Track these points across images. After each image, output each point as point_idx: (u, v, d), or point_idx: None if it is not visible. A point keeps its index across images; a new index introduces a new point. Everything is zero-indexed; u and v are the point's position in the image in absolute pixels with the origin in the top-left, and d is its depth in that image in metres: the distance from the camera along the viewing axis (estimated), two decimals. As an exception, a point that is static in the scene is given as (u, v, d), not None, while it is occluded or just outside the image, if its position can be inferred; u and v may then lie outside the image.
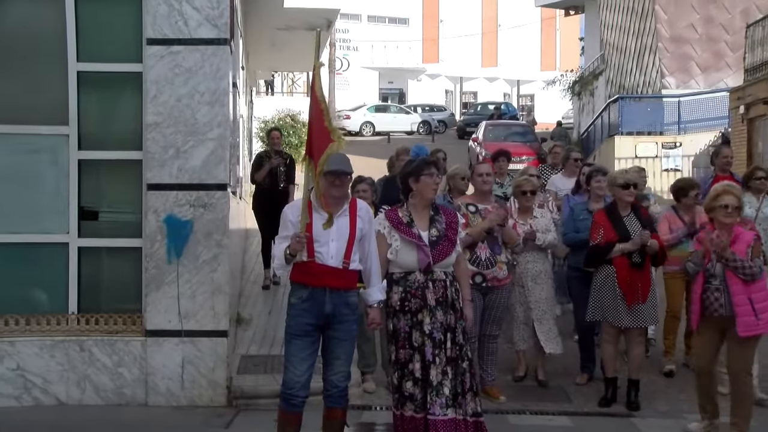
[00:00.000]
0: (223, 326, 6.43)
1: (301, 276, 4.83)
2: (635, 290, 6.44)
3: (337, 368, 4.92)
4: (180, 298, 6.35)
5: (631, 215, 6.61)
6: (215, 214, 6.38)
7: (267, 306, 9.09)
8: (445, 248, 5.10)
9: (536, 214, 7.21)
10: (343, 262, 4.83)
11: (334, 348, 4.91)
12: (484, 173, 6.56)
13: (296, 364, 4.82)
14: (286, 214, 4.90)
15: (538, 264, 7.14)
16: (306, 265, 4.78)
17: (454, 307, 5.09)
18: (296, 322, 4.82)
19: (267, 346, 7.77)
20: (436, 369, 4.93)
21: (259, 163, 9.97)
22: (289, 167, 10.00)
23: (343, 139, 4.71)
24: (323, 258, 4.80)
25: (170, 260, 6.35)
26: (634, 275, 6.44)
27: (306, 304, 4.81)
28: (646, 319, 6.53)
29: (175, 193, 6.35)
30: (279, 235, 4.90)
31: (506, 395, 6.77)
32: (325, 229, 4.75)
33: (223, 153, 6.41)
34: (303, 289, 4.83)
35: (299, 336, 4.82)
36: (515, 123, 29.08)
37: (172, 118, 6.34)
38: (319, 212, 4.83)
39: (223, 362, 6.44)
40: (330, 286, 4.81)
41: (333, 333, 4.88)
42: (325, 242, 4.81)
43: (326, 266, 4.79)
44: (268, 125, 21.03)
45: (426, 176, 5.21)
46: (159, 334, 6.37)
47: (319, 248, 4.80)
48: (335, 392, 4.94)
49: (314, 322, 4.82)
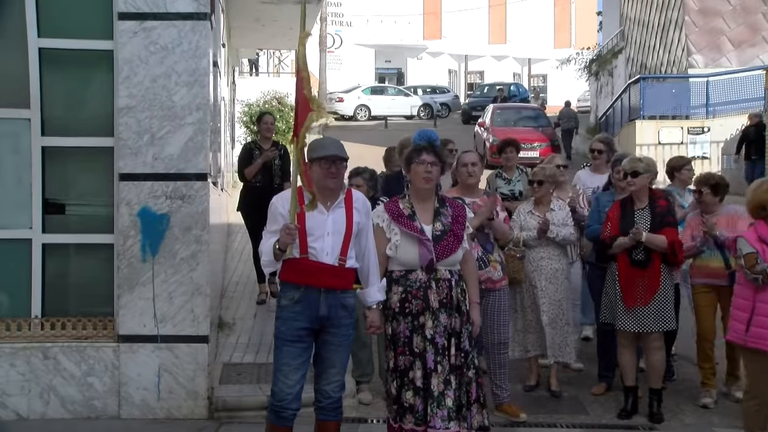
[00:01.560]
0: (204, 331, 6.45)
1: (293, 274, 4.81)
2: (634, 291, 6.48)
3: (331, 377, 4.92)
4: (156, 299, 6.36)
5: (646, 209, 6.63)
6: (194, 207, 6.39)
7: (252, 309, 9.11)
8: (450, 244, 5.10)
9: (554, 206, 7.24)
10: (339, 258, 4.83)
11: (329, 355, 4.90)
12: (469, 163, 6.43)
13: (288, 373, 4.82)
14: (274, 206, 4.89)
15: (554, 261, 7.16)
16: (298, 262, 4.76)
17: (459, 310, 5.10)
18: (288, 326, 4.81)
19: (252, 353, 7.78)
20: (437, 378, 4.94)
21: (249, 157, 9.29)
22: (284, 160, 9.34)
23: (323, 109, 4.71)
24: (317, 254, 4.79)
25: (145, 258, 6.36)
26: (634, 274, 6.48)
27: (298, 306, 4.80)
28: (648, 323, 6.53)
29: (150, 183, 6.35)
30: (267, 229, 4.87)
31: (516, 407, 6.78)
32: (308, 211, 4.72)
33: (203, 139, 6.41)
34: (294, 289, 4.82)
35: (291, 342, 4.82)
36: (526, 106, 29.15)
37: (146, 101, 6.34)
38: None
39: (203, 371, 6.45)
40: (325, 286, 4.81)
41: (328, 338, 4.89)
42: (320, 236, 4.79)
43: (321, 263, 4.78)
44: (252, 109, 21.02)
45: (416, 164, 5.20)
46: (133, 339, 6.38)
47: (313, 243, 4.77)
48: (329, 404, 4.95)
49: (308, 326, 4.82)
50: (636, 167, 6.62)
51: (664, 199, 6.70)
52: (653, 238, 6.47)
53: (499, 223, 6.50)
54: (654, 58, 26.66)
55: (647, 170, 6.62)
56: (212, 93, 7.10)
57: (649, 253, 6.48)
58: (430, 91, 42.25)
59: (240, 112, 20.95)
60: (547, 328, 7.06)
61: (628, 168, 6.67)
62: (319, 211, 4.83)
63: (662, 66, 25.73)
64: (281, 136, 19.90)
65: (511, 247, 6.95)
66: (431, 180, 5.19)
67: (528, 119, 25.26)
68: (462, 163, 6.45)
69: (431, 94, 41.30)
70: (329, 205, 4.86)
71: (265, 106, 21.17)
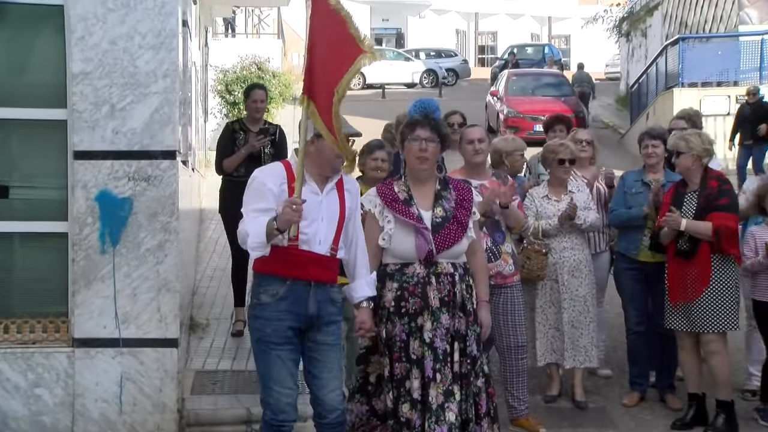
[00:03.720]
0: (173, 333, 6.45)
1: (278, 265, 4.78)
2: (680, 284, 6.53)
3: (330, 384, 4.92)
4: (117, 297, 6.36)
5: (697, 191, 6.64)
6: (161, 190, 6.38)
7: (228, 308, 9.12)
8: (453, 232, 5.11)
9: (572, 188, 7.25)
10: (331, 248, 4.84)
11: (322, 357, 4.91)
12: (475, 139, 6.40)
13: (282, 380, 4.82)
14: (260, 181, 4.79)
15: (577, 252, 7.18)
16: (285, 251, 4.73)
17: (464, 309, 5.11)
18: (275, 327, 4.81)
19: (228, 358, 7.79)
20: (436, 388, 4.94)
21: (230, 142, 8.45)
22: (278, 147, 8.48)
23: (376, 52, 4.61)
24: (309, 241, 4.78)
25: (104, 249, 6.35)
26: (680, 266, 6.53)
27: (284, 303, 4.80)
28: (700, 322, 6.55)
29: (109, 162, 6.34)
30: (250, 207, 4.77)
31: (535, 420, 6.80)
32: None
33: (170, 111, 6.40)
34: (278, 283, 4.81)
35: (279, 345, 4.81)
36: (546, 72, 29.12)
37: (104, 67, 6.32)
38: (308, 181, 4.80)
39: (172, 379, 6.46)
40: (315, 279, 4.81)
41: (320, 337, 4.90)
42: (313, 221, 4.78)
43: (311, 253, 4.79)
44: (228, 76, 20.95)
45: (410, 141, 5.19)
46: (90, 343, 6.37)
47: (306, 228, 4.75)
48: (334, 418, 4.92)
49: (296, 326, 4.83)
50: (677, 146, 6.62)
51: (717, 180, 6.66)
52: (694, 225, 6.47)
53: (514, 210, 6.49)
54: (696, 14, 26.56)
55: (691, 148, 6.60)
56: (181, 57, 7.08)
57: (696, 242, 6.49)
58: (434, 55, 42.20)
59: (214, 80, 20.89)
60: (567, 329, 7.08)
61: (672, 146, 6.69)
62: (313, 191, 4.82)
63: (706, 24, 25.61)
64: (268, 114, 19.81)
65: (534, 240, 6.95)
66: (426, 159, 5.17)
67: (548, 87, 25.27)
68: (467, 139, 6.42)
69: (436, 59, 41.26)
70: (322, 186, 4.87)
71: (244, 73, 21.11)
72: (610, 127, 27.17)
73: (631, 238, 7.22)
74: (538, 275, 6.96)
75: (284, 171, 4.82)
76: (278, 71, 23.73)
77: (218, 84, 20.88)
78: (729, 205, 6.59)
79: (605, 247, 7.79)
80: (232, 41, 28.85)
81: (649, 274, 7.11)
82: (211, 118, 18.95)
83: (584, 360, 7.17)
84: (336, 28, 4.61)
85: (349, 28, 4.57)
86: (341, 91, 4.54)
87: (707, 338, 6.61)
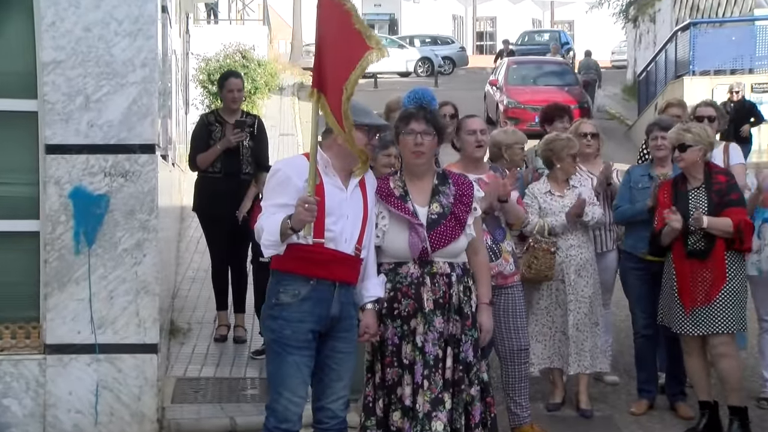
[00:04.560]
0: (152, 338, 6.45)
1: (300, 264, 4.78)
2: (694, 288, 6.51)
3: (338, 392, 4.97)
4: (93, 300, 6.35)
5: (702, 188, 6.63)
6: (140, 186, 6.38)
7: (211, 311, 9.12)
8: (449, 230, 5.10)
9: (574, 183, 7.26)
10: (356, 248, 4.87)
11: (336, 365, 4.94)
12: (478, 130, 6.38)
13: (295, 387, 4.83)
14: (285, 174, 4.81)
15: (583, 250, 7.20)
16: (309, 249, 4.74)
17: (461, 313, 5.11)
18: (295, 329, 4.80)
19: (212, 365, 7.80)
20: (423, 396, 4.94)
21: (205, 135, 8.40)
22: (258, 140, 8.43)
23: (384, 48, 4.62)
24: (336, 239, 4.79)
25: (79, 249, 6.34)
26: (693, 267, 6.52)
27: (307, 305, 4.81)
28: (713, 323, 6.55)
29: (84, 157, 6.33)
30: (270, 202, 4.82)
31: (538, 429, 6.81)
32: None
33: (149, 102, 6.39)
34: (302, 282, 4.81)
35: (298, 349, 4.81)
36: (549, 60, 29.17)
37: (78, 55, 6.31)
38: (329, 174, 4.83)
39: (152, 387, 6.46)
40: (341, 280, 4.84)
41: (337, 344, 4.92)
42: (340, 217, 4.80)
43: (338, 252, 4.80)
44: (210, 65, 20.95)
45: (405, 134, 5.19)
46: (63, 350, 6.36)
47: (332, 225, 4.77)
48: (335, 425, 4.98)
49: (317, 329, 4.85)
50: (683, 138, 6.59)
51: (724, 175, 6.68)
52: (716, 223, 6.46)
53: (513, 205, 6.50)
54: (709, -2, 26.58)
55: (698, 141, 6.60)
56: (161, 45, 7.06)
57: (711, 240, 6.49)
58: (430, 42, 42.24)
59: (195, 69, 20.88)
60: (573, 332, 7.09)
61: (674, 140, 6.66)
62: (337, 186, 4.85)
63: (719, 7, 25.64)
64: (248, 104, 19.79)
65: (541, 238, 6.94)
66: (423, 154, 5.16)
67: (551, 76, 25.29)
68: (469, 130, 6.38)
69: (431, 46, 41.28)
70: (346, 182, 4.90)
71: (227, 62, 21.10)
72: (617, 118, 27.23)
73: (638, 235, 7.21)
74: (546, 275, 6.95)
75: (307, 164, 4.78)
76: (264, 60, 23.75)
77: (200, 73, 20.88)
78: (740, 200, 6.65)
79: (612, 246, 7.78)
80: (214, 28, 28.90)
81: (656, 273, 7.11)
82: (193, 110, 18.91)
83: (590, 365, 7.17)
84: (341, 22, 4.65)
85: (354, 22, 4.61)
86: (350, 88, 4.57)
87: (718, 340, 6.59)
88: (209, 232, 8.66)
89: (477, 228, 5.31)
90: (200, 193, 8.53)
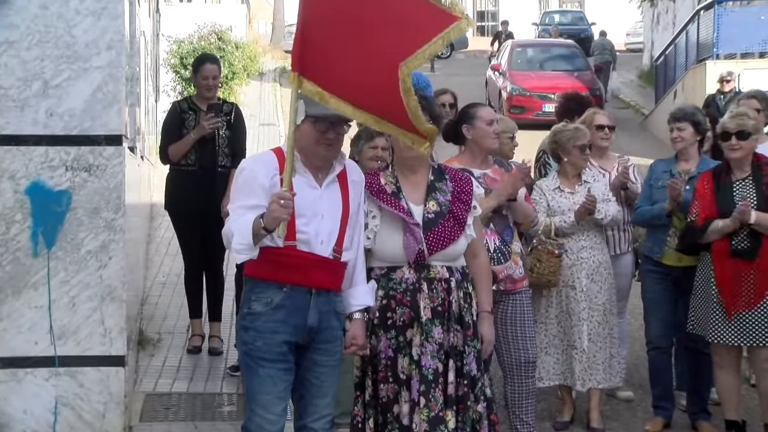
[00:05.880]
0: (119, 350, 6.44)
1: (273, 269, 4.78)
2: (738, 291, 6.51)
3: (321, 410, 4.95)
4: (52, 307, 6.34)
5: (748, 179, 6.65)
6: (105, 182, 6.37)
7: (183, 320, 9.11)
8: (448, 230, 5.11)
9: (586, 178, 7.26)
10: (334, 250, 4.84)
11: (317, 380, 4.93)
12: (494, 120, 6.38)
13: (269, 404, 4.82)
14: (251, 173, 4.81)
15: (596, 252, 7.20)
16: (281, 252, 4.74)
17: (462, 322, 5.11)
18: (267, 340, 4.80)
19: (185, 379, 7.79)
20: (421, 414, 4.93)
21: (178, 124, 8.36)
22: (235, 129, 8.41)
23: (469, 18, 4.59)
24: (310, 242, 4.78)
25: (37, 251, 6.33)
26: (737, 269, 6.52)
27: (280, 313, 4.80)
28: (757, 334, 6.57)
29: (43, 149, 6.32)
30: (238, 204, 4.79)
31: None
32: None
33: (115, 89, 6.38)
34: (274, 289, 4.80)
35: (271, 362, 4.80)
36: (557, 42, 29.25)
37: (34, 35, 6.29)
38: (300, 171, 4.81)
39: (118, 404, 6.45)
40: (317, 286, 4.82)
41: (316, 357, 4.91)
42: (313, 218, 4.79)
43: (313, 255, 4.79)
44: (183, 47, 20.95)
45: None
46: (18, 363, 6.35)
47: (304, 227, 4.76)
48: None
49: (292, 340, 4.84)
50: (745, 125, 6.59)
51: None
52: (765, 218, 6.47)
53: (522, 203, 6.50)
54: (735, -27, 26.61)
55: (757, 129, 6.62)
56: (128, 26, 7.05)
57: (757, 239, 6.50)
58: (426, 23, 42.15)
59: (167, 52, 20.88)
60: (585, 344, 7.08)
61: (733, 127, 6.63)
62: (310, 184, 4.84)
63: (748, -17, 25.63)
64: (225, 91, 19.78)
65: (545, 239, 6.93)
66: None
67: (559, 60, 25.32)
68: (486, 120, 6.36)
69: (427, 27, 41.20)
70: (321, 178, 4.87)
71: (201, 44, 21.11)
72: (632, 106, 27.28)
73: (655, 238, 7.22)
74: (549, 280, 6.94)
75: (276, 160, 4.80)
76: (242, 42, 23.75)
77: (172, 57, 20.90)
78: None
79: (627, 248, 7.78)
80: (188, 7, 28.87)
81: (676, 279, 7.12)
82: (164, 97, 18.91)
83: (603, 380, 7.17)
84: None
85: None
86: (416, 63, 4.53)
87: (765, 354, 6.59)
88: (182, 232, 8.65)
89: (476, 228, 5.31)
90: (172, 188, 8.52)
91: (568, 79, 22.84)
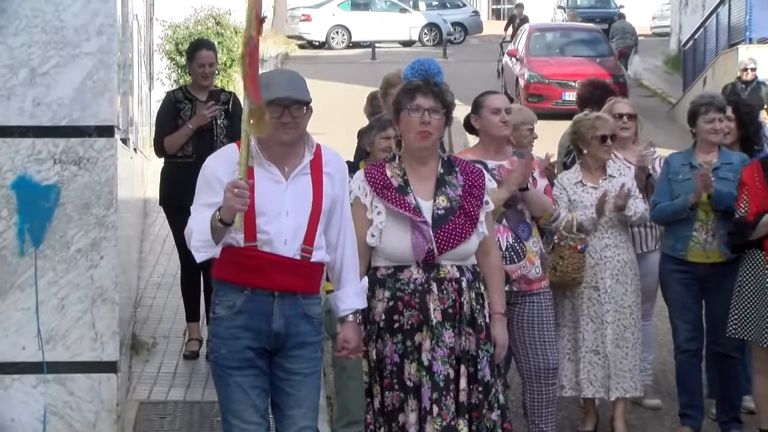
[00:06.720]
0: (111, 355, 6.45)
1: (234, 271, 4.78)
2: None
3: (298, 422, 4.90)
4: (40, 310, 6.36)
5: None
6: (96, 176, 6.38)
7: (180, 323, 9.12)
8: (459, 227, 5.11)
9: (611, 171, 7.24)
10: (302, 248, 4.81)
11: (293, 390, 4.90)
12: (502, 108, 6.37)
13: (243, 414, 4.81)
14: (211, 169, 4.82)
15: (621, 251, 7.19)
16: (241, 252, 4.74)
17: (474, 324, 5.12)
18: (231, 347, 4.80)
19: (181, 386, 7.80)
20: (434, 423, 4.94)
21: (173, 115, 8.37)
22: (233, 118, 8.20)
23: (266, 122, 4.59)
24: (272, 242, 4.76)
25: (23, 250, 6.35)
26: None
27: (241, 318, 4.79)
28: None
29: (29, 141, 6.33)
30: (200, 202, 4.79)
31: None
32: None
33: (107, 77, 6.39)
34: (236, 292, 4.80)
35: (237, 369, 4.81)
36: (578, 26, 29.20)
37: (21, 20, 6.31)
38: (263, 164, 4.79)
39: (110, 413, 6.47)
40: (280, 289, 4.79)
41: (288, 365, 4.88)
42: (276, 216, 4.76)
43: (275, 256, 4.77)
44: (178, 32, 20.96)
45: (408, 111, 5.16)
46: (4, 369, 6.37)
47: (265, 225, 4.74)
48: None
49: (256, 346, 4.82)
50: None
51: None
52: None
53: (536, 194, 6.48)
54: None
55: None
56: (120, 9, 7.06)
57: None
58: (437, 5, 42.19)
59: (161, 38, 20.90)
60: (611, 349, 7.08)
61: None
62: (274, 178, 4.80)
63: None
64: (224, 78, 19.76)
65: (567, 234, 6.91)
66: (430, 134, 5.16)
67: (580, 45, 25.28)
68: (492, 108, 6.35)
69: (439, 10, 41.25)
70: (287, 171, 4.83)
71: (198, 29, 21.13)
72: (658, 94, 27.23)
73: (678, 234, 7.18)
74: (573, 278, 6.91)
75: (238, 154, 4.76)
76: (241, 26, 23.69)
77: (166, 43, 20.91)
78: None
79: (654, 246, 7.74)
80: (183, -12, 28.80)
81: (702, 278, 7.11)
82: (158, 86, 18.91)
83: (630, 388, 7.16)
84: None
85: None
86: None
87: None
88: (178, 229, 8.51)
89: (488, 225, 5.31)
90: (168, 182, 8.50)
91: (590, 65, 22.82)
